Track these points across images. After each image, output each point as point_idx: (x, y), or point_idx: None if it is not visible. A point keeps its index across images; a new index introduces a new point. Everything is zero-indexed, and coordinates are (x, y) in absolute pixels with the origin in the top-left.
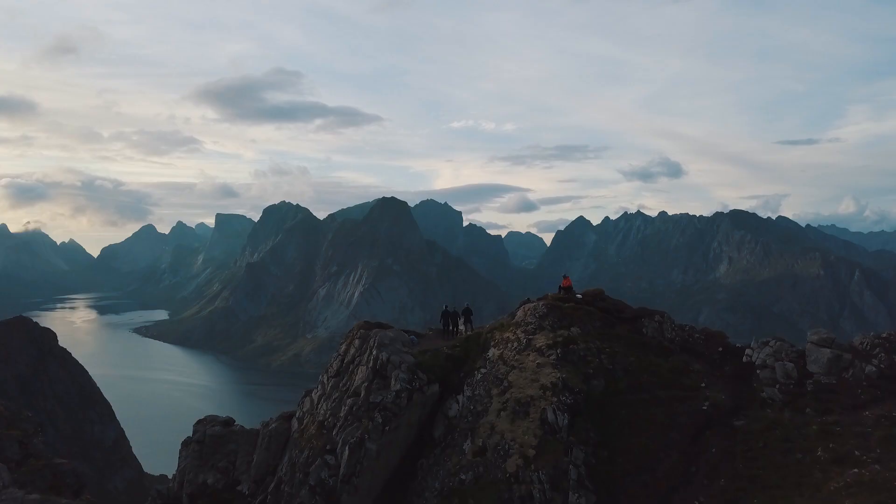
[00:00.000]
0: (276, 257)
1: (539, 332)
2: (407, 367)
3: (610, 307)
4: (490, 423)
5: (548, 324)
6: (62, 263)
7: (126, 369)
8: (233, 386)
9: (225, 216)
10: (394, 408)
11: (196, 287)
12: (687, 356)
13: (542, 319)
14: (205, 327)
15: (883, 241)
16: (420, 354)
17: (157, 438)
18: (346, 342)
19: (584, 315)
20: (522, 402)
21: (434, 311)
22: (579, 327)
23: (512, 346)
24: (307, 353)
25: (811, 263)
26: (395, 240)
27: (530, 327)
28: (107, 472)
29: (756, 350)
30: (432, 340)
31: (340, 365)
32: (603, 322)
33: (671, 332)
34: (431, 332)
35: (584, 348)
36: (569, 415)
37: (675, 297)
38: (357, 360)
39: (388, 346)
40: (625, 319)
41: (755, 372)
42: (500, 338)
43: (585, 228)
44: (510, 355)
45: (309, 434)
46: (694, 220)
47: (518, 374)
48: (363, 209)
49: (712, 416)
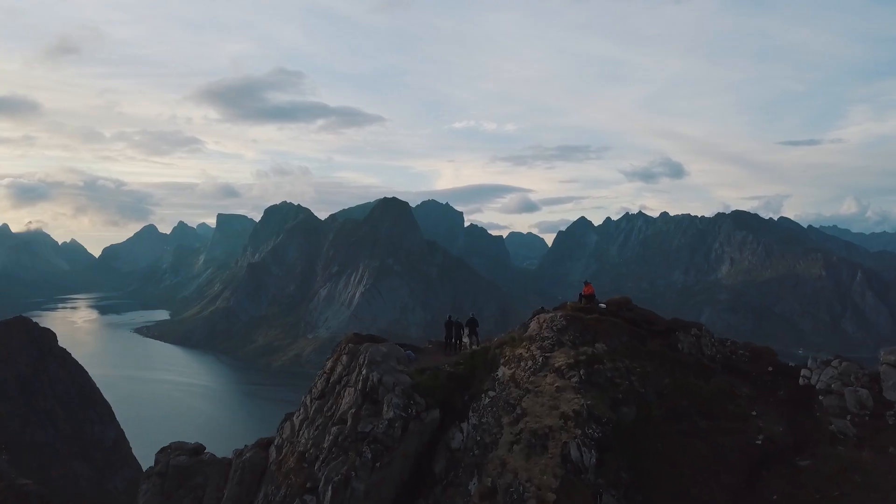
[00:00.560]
0: (278, 257)
1: (557, 349)
2: (402, 391)
3: (638, 318)
4: (500, 459)
5: (568, 339)
6: (63, 263)
7: (127, 369)
8: (233, 386)
9: (226, 216)
10: (386, 439)
11: (197, 287)
12: (731, 377)
13: (560, 334)
14: (206, 327)
15: (885, 242)
16: (417, 374)
17: (157, 438)
18: (332, 358)
19: (609, 328)
20: (539, 435)
21: (435, 311)
22: (605, 343)
23: (525, 365)
24: (308, 354)
25: (813, 264)
26: (395, 240)
27: (547, 343)
28: (107, 472)
29: (815, 371)
30: (432, 356)
31: (325, 385)
32: (631, 336)
33: (711, 348)
34: (431, 346)
35: (612, 368)
36: (596, 451)
37: (677, 297)
38: (344, 381)
39: (380, 364)
40: (656, 333)
41: (817, 398)
42: (512, 354)
43: (587, 229)
44: (523, 376)
45: (288, 467)
46: (695, 220)
47: (533, 399)
48: (364, 209)
49: (769, 453)
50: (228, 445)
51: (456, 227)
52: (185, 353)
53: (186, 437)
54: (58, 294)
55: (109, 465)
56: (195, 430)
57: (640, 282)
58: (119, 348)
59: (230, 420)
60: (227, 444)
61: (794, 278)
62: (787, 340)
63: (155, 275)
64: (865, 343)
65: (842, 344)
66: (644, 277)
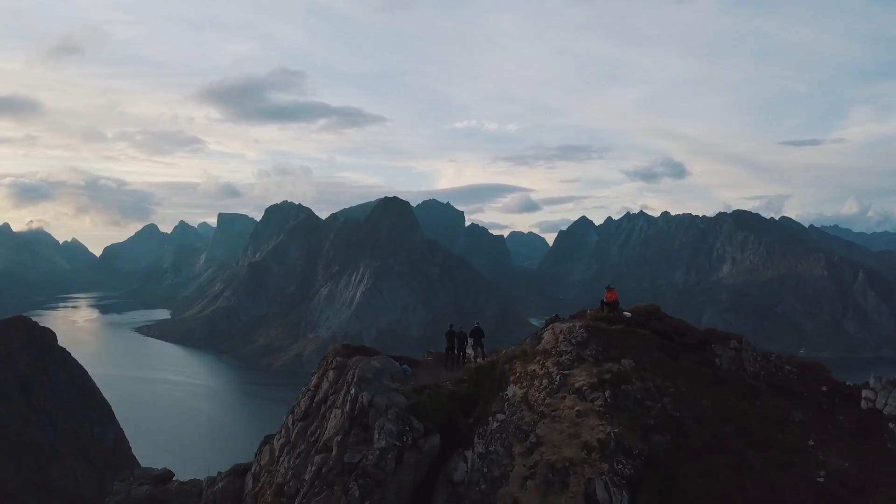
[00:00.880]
0: (278, 257)
1: (578, 366)
2: (396, 414)
3: (669, 329)
4: (512, 497)
5: (589, 353)
6: (64, 263)
7: (127, 369)
8: (234, 386)
9: (227, 216)
10: (377, 473)
11: (198, 286)
12: (780, 398)
13: (580, 347)
14: (206, 327)
15: (886, 242)
16: (415, 393)
17: (157, 439)
18: (317, 373)
19: (637, 341)
20: (558, 469)
21: (436, 311)
22: (632, 359)
23: (540, 385)
24: (309, 353)
25: (814, 264)
26: (396, 240)
27: (565, 358)
28: (107, 472)
29: (881, 392)
30: (431, 371)
31: (310, 404)
32: (662, 350)
33: (754, 364)
34: (430, 358)
35: (641, 389)
36: (627, 491)
37: (678, 297)
38: (331, 400)
39: (371, 381)
40: (690, 346)
41: (886, 426)
42: (524, 371)
43: (588, 229)
44: (538, 397)
45: (264, 502)
46: (697, 220)
47: (550, 425)
48: (365, 209)
49: (834, 494)
50: (229, 446)
51: (457, 227)
52: (185, 352)
53: (187, 438)
54: (59, 293)
55: (109, 466)
56: (195, 431)
57: (641, 282)
58: (120, 348)
59: (231, 420)
60: (227, 444)
61: (796, 278)
62: (788, 341)
63: (156, 274)
64: (867, 343)
65: (844, 344)
66: (645, 277)
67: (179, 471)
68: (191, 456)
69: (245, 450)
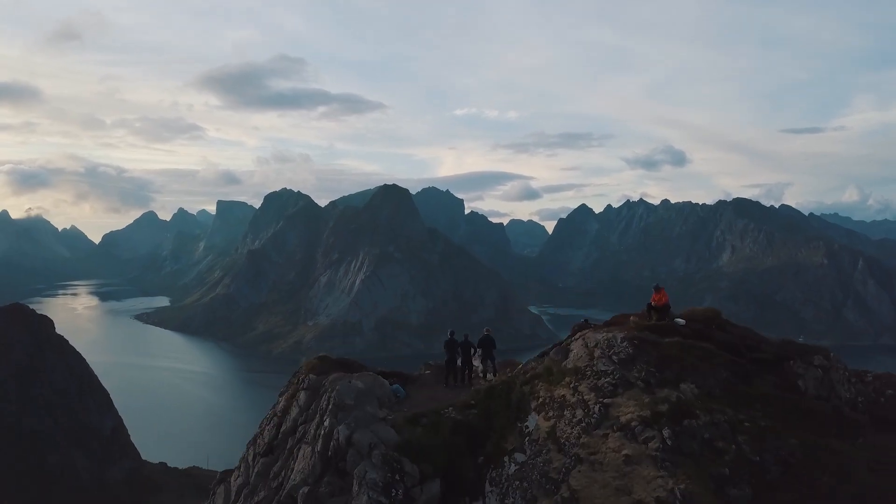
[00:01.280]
0: (278, 244)
1: (623, 392)
2: (383, 457)
3: (733, 341)
4: None
5: (638, 375)
6: (63, 250)
7: (126, 356)
8: (233, 373)
9: (226, 203)
10: None
11: (197, 274)
12: (889, 435)
13: (625, 367)
14: (206, 314)
15: (886, 230)
16: (408, 424)
17: (156, 427)
18: (286, 394)
19: (698, 359)
20: None
21: (436, 300)
22: (694, 382)
23: (573, 416)
24: (308, 341)
25: (814, 252)
26: (396, 227)
27: (606, 381)
28: (105, 461)
29: None
30: (429, 389)
31: (275, 435)
32: (730, 370)
33: (847, 387)
34: (428, 372)
35: (709, 425)
36: None
37: (678, 285)
38: (300, 432)
39: (351, 410)
40: (762, 363)
41: None
42: (549, 396)
43: (588, 216)
44: (570, 433)
45: None
46: (697, 208)
47: (589, 474)
48: (364, 196)
49: None
50: (228, 433)
51: (456, 215)
52: (185, 339)
53: (186, 426)
54: (58, 281)
55: (108, 454)
56: (194, 419)
57: (641, 270)
58: (119, 335)
59: (230, 408)
60: (226, 432)
61: (796, 266)
62: (788, 329)
63: (155, 262)
64: (867, 332)
65: (843, 332)
66: (645, 265)
67: (179, 459)
68: (190, 444)
69: (244, 438)
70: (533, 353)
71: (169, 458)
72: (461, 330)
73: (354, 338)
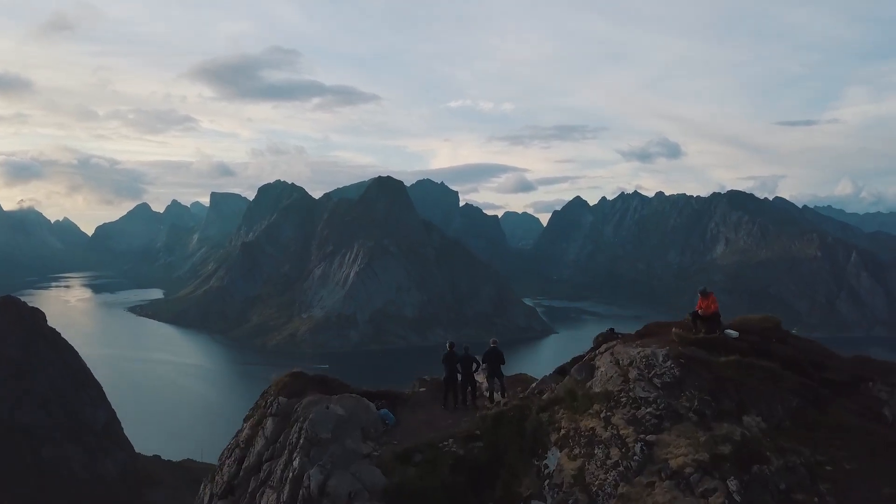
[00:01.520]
0: (272, 237)
1: (671, 426)
2: None
3: (797, 357)
4: None
5: (689, 405)
6: (56, 242)
7: (120, 349)
8: (227, 366)
9: (220, 195)
10: None
11: (191, 266)
12: None
13: (671, 393)
14: (200, 307)
15: (879, 223)
16: (399, 463)
17: (150, 420)
18: (251, 421)
19: (761, 382)
20: None
21: (431, 293)
22: (760, 413)
23: (607, 457)
24: (303, 333)
25: (808, 245)
26: (391, 220)
27: (647, 412)
28: (98, 454)
29: None
30: (425, 413)
31: (236, 472)
32: (800, 396)
33: None
34: (424, 389)
35: (783, 469)
36: None
37: (672, 278)
38: (266, 470)
39: (328, 444)
40: (835, 385)
41: None
42: (573, 428)
43: (582, 209)
44: (604, 478)
45: None
46: (691, 200)
47: None
48: (359, 188)
49: None
50: (222, 426)
51: (452, 207)
52: (179, 332)
53: (179, 418)
54: (51, 273)
55: (101, 448)
56: (189, 411)
57: (635, 262)
58: (112, 327)
59: (224, 400)
60: (220, 424)
61: (790, 259)
62: (782, 322)
63: (149, 254)
64: (860, 324)
65: (837, 325)
66: (639, 258)
67: (173, 451)
68: (184, 436)
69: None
70: (527, 344)
71: (163, 450)
72: (460, 329)
73: (349, 330)
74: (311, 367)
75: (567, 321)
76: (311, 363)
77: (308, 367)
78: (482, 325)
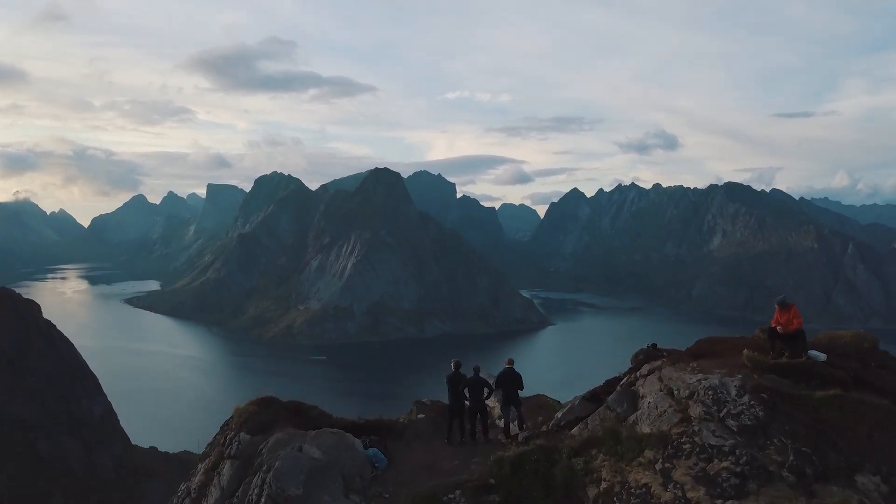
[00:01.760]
0: (268, 228)
1: (759, 489)
2: None
3: None
4: None
5: (780, 458)
6: (52, 234)
7: (116, 340)
8: (224, 357)
9: (217, 186)
10: None
11: (188, 258)
12: None
13: (753, 440)
14: (196, 298)
15: (875, 215)
16: None
17: (146, 412)
18: (205, 462)
19: (876, 426)
20: None
21: (429, 285)
22: (876, 469)
23: None
24: (300, 325)
25: (805, 237)
26: (388, 212)
27: (722, 469)
28: (95, 447)
29: None
30: (424, 449)
31: None
32: None
33: None
34: (422, 416)
35: None
36: None
37: (670, 270)
38: None
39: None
40: None
41: None
42: (619, 482)
43: (579, 201)
44: None
45: None
46: (688, 192)
47: None
48: (356, 180)
49: None
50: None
51: (449, 199)
52: (175, 324)
53: (176, 410)
54: (47, 265)
55: (97, 440)
56: (185, 403)
57: (632, 254)
58: (109, 319)
59: (221, 392)
60: (217, 416)
61: (787, 251)
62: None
63: (145, 245)
64: (856, 316)
65: (833, 317)
66: (637, 250)
67: (169, 444)
68: (180, 428)
69: None
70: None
71: (159, 442)
72: (457, 321)
73: (346, 322)
74: (309, 357)
75: (564, 313)
76: (308, 355)
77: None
78: (479, 316)
